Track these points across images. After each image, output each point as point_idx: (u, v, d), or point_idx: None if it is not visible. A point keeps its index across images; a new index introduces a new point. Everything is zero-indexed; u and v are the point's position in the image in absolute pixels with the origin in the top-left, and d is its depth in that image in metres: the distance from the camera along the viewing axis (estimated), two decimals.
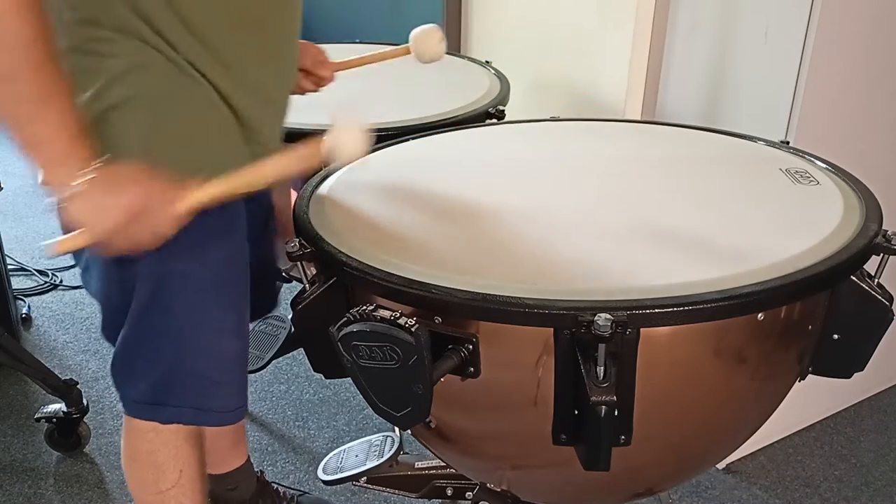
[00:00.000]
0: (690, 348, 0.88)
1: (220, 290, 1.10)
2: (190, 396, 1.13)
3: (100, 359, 2.22)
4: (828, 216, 1.00)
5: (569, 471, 0.92)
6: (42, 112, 0.89)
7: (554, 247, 0.96)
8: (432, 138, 1.34)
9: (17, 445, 1.89)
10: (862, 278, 0.94)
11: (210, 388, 1.14)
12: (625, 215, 1.04)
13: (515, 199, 1.10)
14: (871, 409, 2.01)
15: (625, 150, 1.28)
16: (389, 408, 0.88)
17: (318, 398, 2.06)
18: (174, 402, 1.14)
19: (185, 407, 1.14)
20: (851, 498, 1.73)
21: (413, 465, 1.41)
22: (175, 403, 1.14)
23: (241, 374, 1.17)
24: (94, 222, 0.92)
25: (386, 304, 0.87)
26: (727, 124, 1.56)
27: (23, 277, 2.63)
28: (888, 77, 1.63)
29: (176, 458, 1.21)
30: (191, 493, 1.24)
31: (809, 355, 1.00)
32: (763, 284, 0.85)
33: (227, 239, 1.09)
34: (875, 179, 1.12)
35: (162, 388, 1.13)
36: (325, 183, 1.17)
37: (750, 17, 1.59)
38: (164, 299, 1.07)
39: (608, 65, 2.02)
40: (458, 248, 0.97)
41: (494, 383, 0.90)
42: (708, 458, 1.14)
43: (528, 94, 2.22)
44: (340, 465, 1.43)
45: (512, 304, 0.83)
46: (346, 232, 1.01)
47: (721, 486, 1.76)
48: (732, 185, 1.14)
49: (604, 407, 0.79)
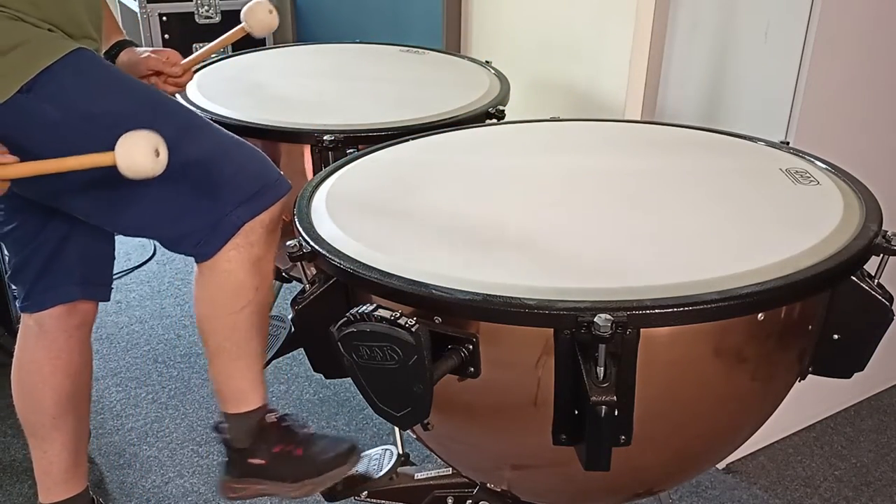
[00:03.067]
0: (690, 348, 0.88)
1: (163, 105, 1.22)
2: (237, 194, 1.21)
3: (100, 358, 2.22)
4: (828, 216, 1.00)
5: (569, 471, 0.92)
6: None
7: (554, 247, 0.96)
8: (432, 138, 1.34)
9: (17, 445, 1.89)
10: (862, 278, 0.94)
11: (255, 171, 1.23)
12: (624, 215, 1.04)
13: (515, 199, 1.10)
14: (871, 409, 2.01)
15: (624, 150, 1.29)
16: (389, 408, 0.88)
17: (318, 398, 2.06)
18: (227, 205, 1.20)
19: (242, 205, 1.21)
20: (851, 498, 1.73)
21: (413, 477, 1.42)
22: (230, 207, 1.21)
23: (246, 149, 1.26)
24: None
25: (386, 304, 0.87)
26: (727, 124, 1.57)
27: None
28: (888, 77, 1.63)
29: (252, 278, 1.25)
30: (260, 315, 1.29)
31: (809, 355, 1.00)
32: (763, 284, 0.85)
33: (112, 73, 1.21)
34: (875, 179, 1.12)
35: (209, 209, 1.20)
36: (325, 183, 1.17)
37: (750, 16, 1.59)
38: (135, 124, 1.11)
39: (608, 65, 2.02)
40: (458, 249, 0.97)
41: (494, 383, 0.90)
42: (708, 458, 1.14)
43: (528, 94, 2.22)
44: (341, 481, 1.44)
45: (512, 304, 0.83)
46: (346, 232, 1.01)
47: (721, 486, 1.76)
48: (732, 186, 1.14)
49: (604, 407, 0.79)
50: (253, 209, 1.21)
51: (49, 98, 1.11)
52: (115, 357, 2.22)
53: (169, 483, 1.77)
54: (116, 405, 2.03)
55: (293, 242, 0.99)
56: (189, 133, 1.20)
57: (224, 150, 1.23)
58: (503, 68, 1.83)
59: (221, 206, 1.20)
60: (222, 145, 1.23)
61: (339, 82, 1.72)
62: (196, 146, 1.19)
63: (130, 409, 2.03)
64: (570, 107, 2.18)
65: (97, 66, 1.19)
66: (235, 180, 1.21)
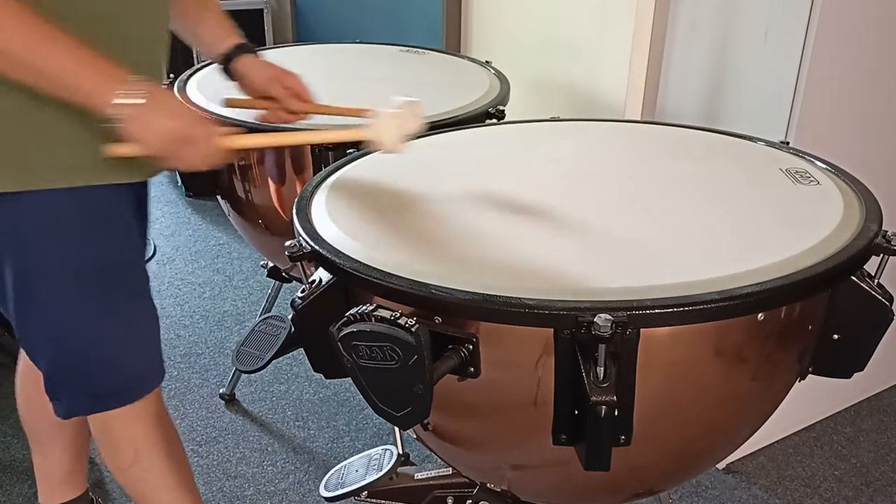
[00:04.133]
0: (690, 348, 0.88)
1: (85, 278, 1.11)
2: (80, 384, 1.15)
3: None
4: (828, 216, 1.00)
5: (569, 471, 0.92)
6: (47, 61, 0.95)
7: (554, 247, 0.96)
8: (432, 138, 1.34)
9: (17, 445, 1.89)
10: (862, 278, 0.94)
11: (94, 373, 1.15)
12: (625, 215, 1.04)
13: (515, 199, 1.10)
14: (871, 409, 2.01)
15: (624, 150, 1.28)
16: (389, 408, 0.88)
17: (318, 398, 2.06)
18: (69, 393, 1.15)
19: (80, 395, 1.16)
20: (851, 498, 1.73)
21: (413, 477, 1.42)
22: (69, 395, 1.15)
23: (120, 353, 1.17)
24: (146, 139, 1.01)
25: (386, 304, 0.87)
26: (727, 124, 1.57)
27: None
28: (888, 77, 1.63)
29: (128, 437, 1.22)
30: (153, 471, 1.24)
31: (809, 355, 1.00)
32: (763, 284, 0.85)
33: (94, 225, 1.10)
34: (875, 179, 1.12)
35: (56, 381, 1.15)
36: (325, 183, 1.17)
37: (750, 16, 1.59)
38: (32, 293, 1.09)
39: (608, 65, 2.02)
40: (458, 248, 0.97)
41: (494, 383, 0.90)
42: (708, 458, 1.14)
43: (528, 94, 2.22)
44: (341, 481, 1.44)
45: (512, 304, 0.83)
46: (346, 232, 1.01)
47: (721, 486, 1.76)
48: (732, 186, 1.14)
49: (604, 407, 0.79)
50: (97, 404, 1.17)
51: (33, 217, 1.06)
52: None
53: None
54: None
55: (293, 242, 0.99)
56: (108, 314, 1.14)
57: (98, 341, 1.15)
58: (503, 68, 1.83)
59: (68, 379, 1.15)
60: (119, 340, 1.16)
61: (339, 82, 1.72)
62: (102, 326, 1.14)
63: None
64: (570, 107, 2.18)
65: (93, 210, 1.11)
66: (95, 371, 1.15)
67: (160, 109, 1.01)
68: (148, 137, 1.01)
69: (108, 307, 1.14)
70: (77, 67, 0.97)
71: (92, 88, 0.98)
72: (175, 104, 1.06)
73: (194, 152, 1.04)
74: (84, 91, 0.97)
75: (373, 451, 1.49)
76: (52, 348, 1.13)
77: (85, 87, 0.97)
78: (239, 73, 1.30)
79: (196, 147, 1.03)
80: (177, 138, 1.02)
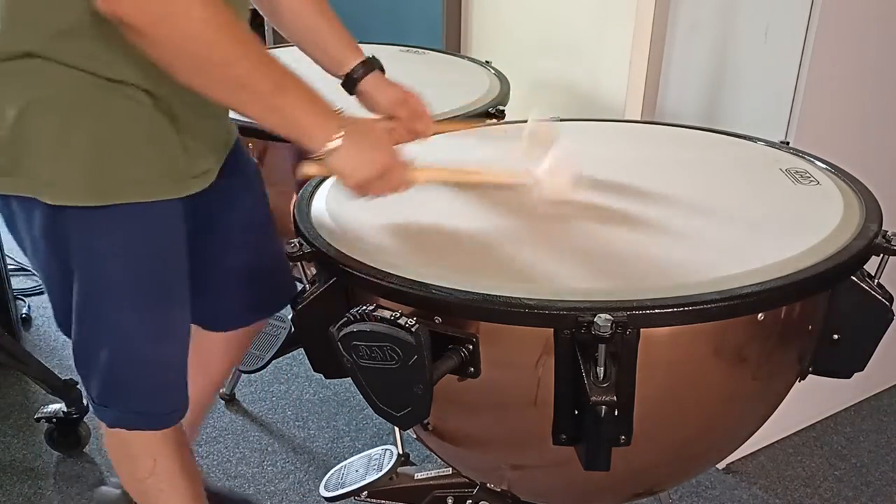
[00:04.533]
0: (690, 348, 0.88)
1: (151, 298, 1.11)
2: (127, 400, 1.16)
3: None
4: (828, 216, 1.00)
5: (569, 471, 0.92)
6: (282, 98, 0.95)
7: (554, 247, 0.96)
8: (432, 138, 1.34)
9: (17, 445, 1.89)
10: (862, 278, 0.94)
11: (145, 393, 1.16)
12: (623, 216, 1.04)
13: (515, 199, 1.10)
14: (871, 409, 2.01)
15: (624, 150, 1.28)
16: (389, 408, 0.88)
17: (318, 398, 2.06)
18: (115, 405, 1.16)
19: (124, 412, 1.16)
20: (851, 498, 1.73)
21: (413, 477, 1.42)
22: (116, 407, 1.16)
23: (175, 377, 1.18)
24: (351, 173, 1.01)
25: (386, 304, 0.87)
26: (727, 124, 1.56)
27: (23, 277, 2.63)
28: (888, 77, 1.63)
29: (147, 448, 1.22)
30: (168, 481, 1.25)
31: (809, 355, 1.00)
32: (763, 284, 0.85)
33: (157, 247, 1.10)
34: (875, 179, 1.12)
35: (105, 391, 1.15)
36: (325, 183, 1.17)
37: (750, 16, 1.59)
38: (95, 306, 1.09)
39: (608, 65, 2.02)
40: (457, 248, 0.97)
41: (494, 383, 0.90)
42: (708, 459, 1.14)
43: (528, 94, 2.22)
44: (341, 481, 1.44)
45: (512, 305, 0.83)
46: (346, 232, 1.01)
47: (721, 486, 1.76)
48: (732, 185, 1.14)
49: (604, 407, 0.79)
50: (138, 423, 1.18)
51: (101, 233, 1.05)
52: None
53: None
54: None
55: (293, 243, 0.99)
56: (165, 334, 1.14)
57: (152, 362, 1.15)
58: (503, 68, 1.83)
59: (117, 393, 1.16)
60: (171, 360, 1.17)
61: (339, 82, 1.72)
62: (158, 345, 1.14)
63: None
64: (570, 107, 2.18)
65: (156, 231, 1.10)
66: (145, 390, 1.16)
67: (363, 141, 1.01)
68: (354, 172, 1.01)
69: (165, 327, 1.14)
70: (307, 107, 0.97)
71: (313, 131, 0.98)
72: (375, 134, 1.05)
73: (389, 182, 1.03)
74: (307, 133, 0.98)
75: (373, 451, 1.49)
76: (108, 362, 1.12)
77: (309, 129, 0.98)
78: (364, 92, 1.28)
79: (392, 177, 1.03)
80: (379, 171, 1.01)
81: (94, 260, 1.06)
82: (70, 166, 1.00)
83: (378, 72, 1.28)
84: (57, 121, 0.99)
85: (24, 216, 1.06)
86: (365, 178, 1.01)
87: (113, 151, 1.01)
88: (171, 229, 1.10)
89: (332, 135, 0.97)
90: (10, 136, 0.99)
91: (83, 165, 1.00)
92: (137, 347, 1.12)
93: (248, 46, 0.93)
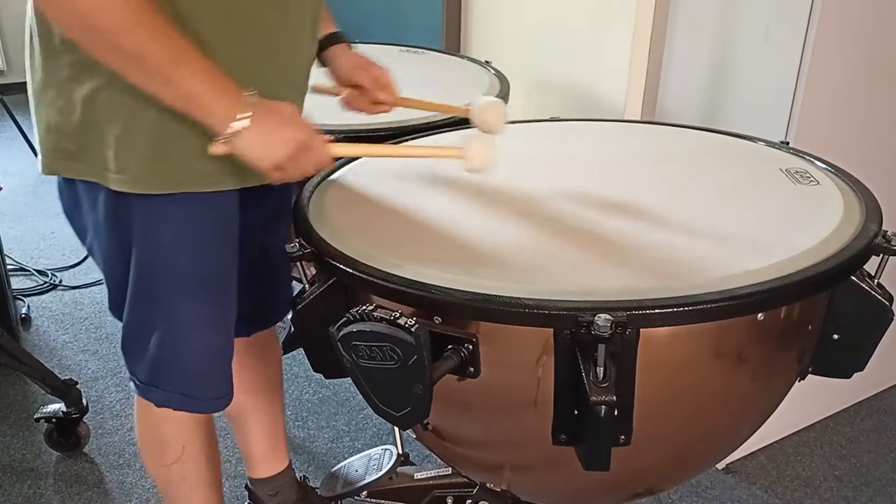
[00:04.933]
0: (690, 349, 0.88)
1: (206, 285, 1.13)
2: (175, 382, 1.17)
3: (99, 359, 2.22)
4: (828, 216, 1.00)
5: (569, 471, 0.92)
6: (178, 72, 0.93)
7: (554, 247, 0.96)
8: (431, 138, 1.34)
9: (16, 445, 1.89)
10: (862, 278, 0.94)
11: (193, 377, 1.18)
12: (624, 216, 1.04)
13: (515, 199, 1.10)
14: (871, 409, 2.01)
15: (624, 150, 1.28)
16: (389, 408, 0.88)
17: (318, 398, 2.06)
18: (163, 385, 1.18)
19: (172, 392, 1.18)
20: (851, 498, 1.73)
21: (412, 477, 1.42)
22: (164, 387, 1.18)
23: (222, 365, 1.20)
24: (262, 155, 0.98)
25: (386, 304, 0.87)
26: (727, 124, 1.56)
27: (22, 277, 2.63)
28: (888, 77, 1.63)
29: (179, 435, 1.25)
30: (194, 470, 1.27)
31: (809, 355, 1.00)
32: (763, 284, 0.85)
33: (216, 236, 1.12)
34: (875, 179, 1.12)
35: (153, 371, 1.17)
36: (324, 183, 1.17)
37: (750, 16, 1.59)
38: (152, 290, 1.11)
39: (608, 65, 2.02)
40: (458, 249, 0.97)
41: (494, 383, 0.90)
42: (708, 459, 1.14)
43: (528, 94, 2.22)
44: (341, 481, 1.44)
45: (512, 305, 0.83)
46: (346, 232, 1.01)
47: (721, 486, 1.76)
48: (732, 186, 1.13)
49: (603, 407, 0.79)
50: (185, 404, 1.19)
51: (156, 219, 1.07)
52: (114, 357, 2.22)
53: None
54: (116, 405, 2.03)
55: (293, 243, 0.99)
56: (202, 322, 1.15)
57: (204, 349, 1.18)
58: (503, 68, 1.83)
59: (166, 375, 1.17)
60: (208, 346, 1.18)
61: None
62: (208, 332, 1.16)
63: (130, 409, 2.02)
64: (570, 107, 2.18)
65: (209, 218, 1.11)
66: (193, 375, 1.18)
67: (271, 119, 0.98)
68: (266, 153, 0.98)
69: (216, 314, 1.16)
70: (206, 82, 0.95)
71: (214, 107, 0.95)
72: (285, 112, 1.00)
73: (309, 159, 1.01)
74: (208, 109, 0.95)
75: (373, 450, 1.49)
76: (158, 346, 1.15)
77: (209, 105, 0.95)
78: (328, 59, 1.30)
79: (311, 154, 1.00)
80: (293, 150, 0.98)
81: (153, 245, 1.08)
82: (134, 154, 1.01)
83: (344, 44, 1.30)
84: (123, 109, 1.00)
85: (89, 200, 1.09)
86: (279, 158, 0.98)
87: (175, 140, 1.02)
88: (228, 219, 1.12)
89: (237, 114, 0.95)
90: (80, 123, 1.01)
91: (146, 153, 1.02)
92: (188, 333, 1.14)
93: (144, 15, 0.91)
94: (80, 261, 2.70)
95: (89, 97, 1.00)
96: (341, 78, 1.30)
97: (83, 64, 0.99)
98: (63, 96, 1.02)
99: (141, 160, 1.02)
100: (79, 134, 1.02)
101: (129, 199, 1.04)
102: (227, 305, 1.18)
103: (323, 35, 1.28)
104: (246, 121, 0.95)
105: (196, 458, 1.27)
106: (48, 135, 1.05)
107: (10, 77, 4.23)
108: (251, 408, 1.49)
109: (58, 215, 1.19)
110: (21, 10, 1.06)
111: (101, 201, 1.07)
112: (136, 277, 1.11)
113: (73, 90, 1.01)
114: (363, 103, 1.31)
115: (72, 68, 1.00)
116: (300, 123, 1.01)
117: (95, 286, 2.59)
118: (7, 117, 2.71)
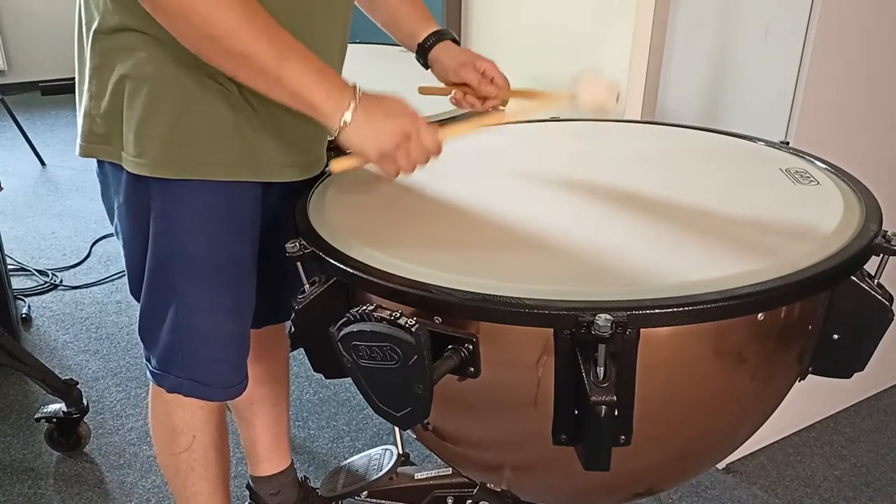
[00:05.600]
0: (690, 349, 0.88)
1: (220, 272, 1.14)
2: (187, 369, 1.18)
3: (100, 359, 2.22)
4: (828, 216, 1.00)
5: (569, 471, 0.92)
6: (285, 70, 0.94)
7: (554, 247, 0.96)
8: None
9: (17, 445, 1.89)
10: (862, 278, 0.94)
11: (206, 364, 1.19)
12: (624, 216, 1.04)
13: (515, 198, 1.10)
14: (871, 409, 2.01)
15: (624, 150, 1.29)
16: (389, 408, 0.88)
17: (318, 398, 2.06)
18: (175, 371, 1.19)
19: (184, 378, 1.19)
20: (851, 498, 1.73)
21: (413, 477, 1.42)
22: (176, 373, 1.19)
23: (236, 353, 1.20)
24: (370, 146, 1.00)
25: (386, 304, 0.87)
26: (727, 124, 1.57)
27: (23, 277, 2.64)
28: (888, 77, 1.63)
29: (190, 423, 1.25)
30: (203, 460, 1.28)
31: (809, 355, 1.00)
32: (763, 285, 0.85)
33: (232, 226, 1.12)
34: (875, 179, 1.12)
35: (166, 357, 1.18)
36: (325, 183, 1.17)
37: (750, 16, 1.59)
38: (167, 274, 1.12)
39: (608, 65, 2.02)
40: (457, 248, 0.97)
41: (494, 383, 0.90)
42: (708, 458, 1.14)
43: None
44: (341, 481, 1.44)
45: (512, 305, 0.83)
46: (346, 232, 1.01)
47: (721, 486, 1.76)
48: (732, 186, 1.14)
49: (604, 407, 0.79)
50: (196, 391, 1.20)
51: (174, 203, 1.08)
52: (115, 357, 2.22)
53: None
54: (116, 405, 2.04)
55: (293, 243, 0.99)
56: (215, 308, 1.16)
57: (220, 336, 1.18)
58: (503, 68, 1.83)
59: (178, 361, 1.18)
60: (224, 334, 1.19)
61: None
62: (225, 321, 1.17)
63: (130, 409, 2.03)
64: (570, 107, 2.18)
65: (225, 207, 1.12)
66: (206, 362, 1.19)
67: (376, 111, 0.99)
68: (373, 144, 0.99)
69: (230, 302, 1.17)
70: (313, 77, 0.96)
71: (322, 102, 0.96)
72: (389, 102, 1.01)
73: (417, 148, 1.01)
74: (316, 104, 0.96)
75: (373, 450, 1.49)
76: (171, 331, 1.15)
77: (317, 101, 0.96)
78: (435, 60, 1.29)
79: (417, 142, 1.01)
80: (399, 139, 0.99)
81: (170, 230, 1.09)
82: (153, 138, 1.03)
83: (449, 41, 1.29)
84: (146, 94, 1.02)
85: (115, 183, 1.11)
86: (385, 148, 0.99)
87: (194, 128, 1.03)
88: (246, 210, 1.13)
89: (345, 108, 0.96)
90: (107, 107, 1.05)
91: (165, 138, 1.03)
92: (201, 319, 1.15)
93: (250, 16, 0.92)
94: (81, 261, 2.70)
95: (117, 83, 1.03)
96: (447, 79, 1.29)
97: (112, 52, 1.02)
98: (96, 83, 1.05)
99: (159, 145, 1.03)
100: (106, 118, 1.06)
101: (147, 183, 1.06)
102: (243, 294, 1.18)
103: (425, 34, 1.28)
104: (350, 114, 0.97)
105: (206, 449, 1.27)
106: (84, 119, 1.09)
107: (10, 77, 4.22)
108: (257, 401, 1.50)
109: (58, 215, 1.20)
110: (21, 10, 1.07)
111: (123, 184, 1.09)
112: (152, 261, 1.12)
113: (103, 76, 1.04)
114: (473, 100, 1.29)
115: (102, 56, 1.04)
116: (406, 114, 1.01)
117: (96, 286, 2.59)
118: (7, 117, 2.72)
